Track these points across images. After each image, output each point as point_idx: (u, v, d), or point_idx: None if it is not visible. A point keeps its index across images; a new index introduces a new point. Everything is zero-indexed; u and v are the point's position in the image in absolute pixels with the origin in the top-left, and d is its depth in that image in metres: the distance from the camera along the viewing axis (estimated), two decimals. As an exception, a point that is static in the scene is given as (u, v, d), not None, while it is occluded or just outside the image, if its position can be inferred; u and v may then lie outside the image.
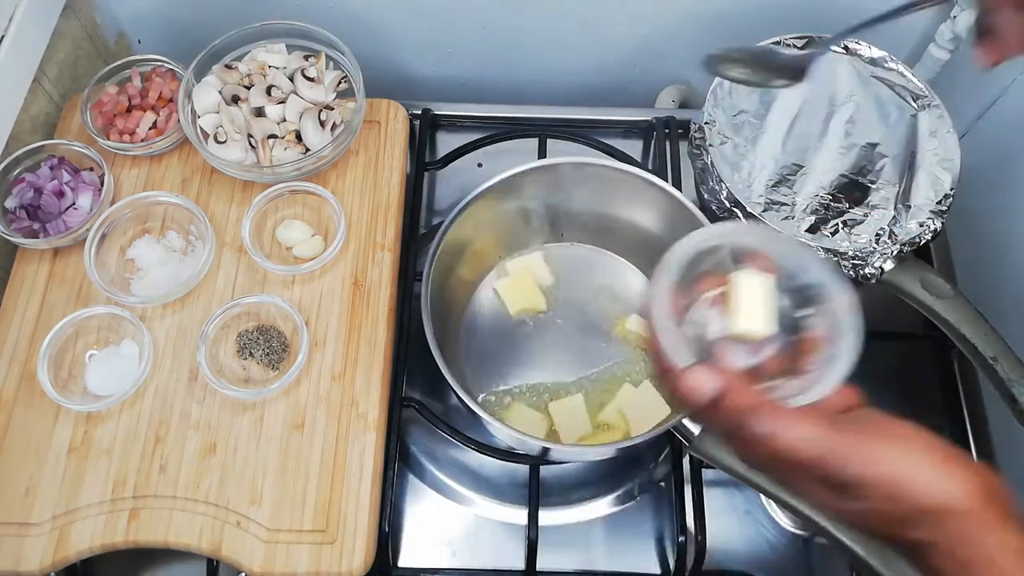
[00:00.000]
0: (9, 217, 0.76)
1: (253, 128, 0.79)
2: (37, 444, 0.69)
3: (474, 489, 0.76)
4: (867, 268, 0.72)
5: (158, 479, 0.67)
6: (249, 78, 0.81)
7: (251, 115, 0.80)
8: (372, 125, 0.84)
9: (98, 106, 0.82)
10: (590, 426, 0.74)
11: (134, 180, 0.81)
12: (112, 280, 0.74)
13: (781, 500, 0.58)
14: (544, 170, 0.75)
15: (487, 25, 0.98)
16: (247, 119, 0.79)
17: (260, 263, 0.74)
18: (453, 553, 0.73)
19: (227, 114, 0.79)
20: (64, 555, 0.65)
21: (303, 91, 0.80)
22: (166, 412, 0.70)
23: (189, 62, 0.83)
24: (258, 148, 0.78)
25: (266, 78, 0.81)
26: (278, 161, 0.78)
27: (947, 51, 0.88)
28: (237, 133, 0.79)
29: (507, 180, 0.74)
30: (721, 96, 0.79)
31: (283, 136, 0.79)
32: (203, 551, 0.66)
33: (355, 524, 0.66)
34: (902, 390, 0.82)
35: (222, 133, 0.78)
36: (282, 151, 0.78)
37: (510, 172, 0.74)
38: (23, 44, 0.78)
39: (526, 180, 0.75)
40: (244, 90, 0.80)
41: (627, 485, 0.76)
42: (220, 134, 0.78)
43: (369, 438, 0.70)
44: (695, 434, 0.62)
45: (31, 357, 0.71)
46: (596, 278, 0.83)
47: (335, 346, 0.73)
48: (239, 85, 0.81)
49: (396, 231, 0.79)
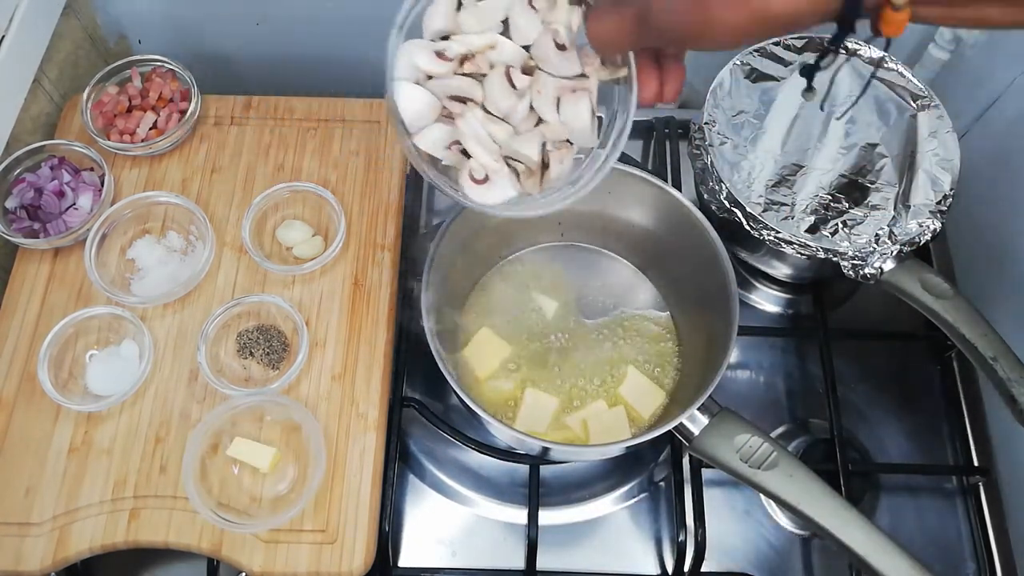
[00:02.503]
0: (9, 217, 0.77)
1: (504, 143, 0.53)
2: (37, 444, 0.69)
3: (474, 489, 0.76)
4: (867, 268, 0.72)
5: (158, 479, 0.67)
6: (467, 61, 0.52)
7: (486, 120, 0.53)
8: (372, 125, 0.85)
9: (98, 106, 0.82)
10: (547, 425, 0.73)
11: (134, 180, 0.81)
12: (112, 280, 0.74)
13: (781, 500, 0.58)
14: None
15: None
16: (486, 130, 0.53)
17: (260, 263, 0.74)
18: (453, 553, 0.73)
19: (468, 128, 0.52)
20: (64, 555, 0.65)
21: (552, 61, 0.50)
22: (166, 412, 0.70)
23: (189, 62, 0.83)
24: (523, 173, 0.53)
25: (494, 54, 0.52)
26: (558, 177, 0.53)
27: (947, 51, 0.88)
28: (491, 157, 0.53)
29: None
30: (721, 96, 0.79)
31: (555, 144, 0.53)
32: (203, 551, 0.66)
33: (355, 524, 0.66)
34: (902, 390, 0.82)
35: (478, 168, 0.53)
36: (559, 164, 0.53)
37: None
38: (24, 44, 0.78)
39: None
40: (466, 84, 0.52)
41: (627, 485, 0.76)
42: (476, 169, 0.53)
43: (369, 438, 0.70)
44: (695, 434, 0.63)
45: (31, 357, 0.71)
46: (596, 278, 0.83)
47: (335, 346, 0.73)
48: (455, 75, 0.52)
49: (396, 231, 0.80)
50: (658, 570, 0.73)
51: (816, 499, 0.57)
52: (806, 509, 0.57)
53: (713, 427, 0.62)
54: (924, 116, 0.77)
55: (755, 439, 0.61)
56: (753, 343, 0.84)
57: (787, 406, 0.80)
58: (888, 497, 0.76)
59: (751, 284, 0.87)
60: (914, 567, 0.55)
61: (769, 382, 0.82)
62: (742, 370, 0.82)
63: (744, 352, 0.83)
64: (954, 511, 0.76)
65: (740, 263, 0.85)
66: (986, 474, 0.76)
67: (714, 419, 0.63)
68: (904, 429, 0.80)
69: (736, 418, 0.63)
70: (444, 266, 0.71)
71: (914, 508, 0.76)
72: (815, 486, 0.58)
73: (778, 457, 0.60)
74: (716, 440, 0.62)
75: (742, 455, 0.60)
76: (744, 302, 0.85)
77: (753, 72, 0.80)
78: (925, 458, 0.79)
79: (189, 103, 0.82)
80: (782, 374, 0.82)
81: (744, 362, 0.83)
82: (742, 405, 0.79)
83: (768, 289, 0.86)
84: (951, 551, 0.75)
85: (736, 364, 0.83)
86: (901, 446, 0.79)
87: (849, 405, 0.77)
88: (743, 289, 0.86)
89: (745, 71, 0.80)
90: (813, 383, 0.79)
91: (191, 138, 0.83)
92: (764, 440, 0.60)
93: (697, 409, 0.62)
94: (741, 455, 0.60)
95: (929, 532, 0.75)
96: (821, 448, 0.76)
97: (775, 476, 0.59)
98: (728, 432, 0.62)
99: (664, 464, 0.76)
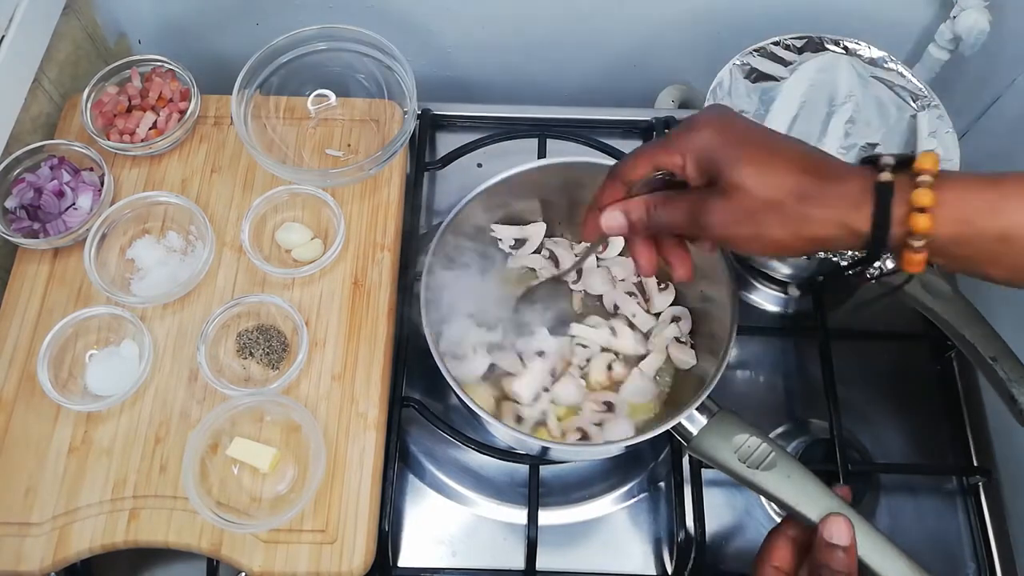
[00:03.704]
0: (9, 217, 0.77)
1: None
2: (37, 444, 0.69)
3: (474, 489, 0.76)
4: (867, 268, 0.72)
5: (158, 479, 0.67)
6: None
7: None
8: (371, 124, 0.85)
9: (98, 106, 0.82)
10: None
11: (134, 180, 0.81)
12: (112, 280, 0.74)
13: (779, 500, 0.58)
14: (542, 171, 0.75)
15: (487, 25, 0.98)
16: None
17: (260, 266, 0.74)
18: (453, 553, 0.73)
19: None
20: (64, 555, 0.65)
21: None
22: (166, 412, 0.70)
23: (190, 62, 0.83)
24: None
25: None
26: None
27: (947, 51, 0.88)
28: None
29: (505, 181, 0.73)
30: (721, 96, 0.79)
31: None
32: (203, 551, 0.66)
33: (355, 524, 0.66)
34: (902, 390, 0.82)
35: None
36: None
37: (507, 173, 0.73)
38: (23, 44, 0.78)
39: (523, 180, 0.74)
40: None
41: (627, 485, 0.76)
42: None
43: (369, 438, 0.70)
44: (694, 434, 0.62)
45: (31, 357, 0.71)
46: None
47: (335, 346, 0.73)
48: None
49: (396, 231, 0.80)
50: (658, 570, 0.73)
51: (814, 500, 0.57)
52: (803, 509, 0.57)
53: (711, 427, 0.62)
54: (924, 116, 0.77)
55: (753, 439, 0.60)
56: (753, 343, 0.84)
57: (787, 406, 0.80)
58: (888, 497, 0.76)
59: (751, 284, 0.87)
60: (912, 568, 0.55)
61: (769, 382, 0.82)
62: (742, 370, 0.82)
63: (744, 352, 0.83)
64: (954, 511, 0.76)
65: (740, 263, 0.85)
66: (986, 474, 0.76)
67: (713, 419, 0.63)
68: (904, 429, 0.80)
69: (735, 418, 0.63)
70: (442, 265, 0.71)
71: (914, 508, 0.76)
72: (813, 487, 0.58)
73: (776, 457, 0.59)
74: (715, 440, 0.62)
75: (740, 455, 0.60)
76: (744, 302, 0.85)
77: (753, 72, 0.80)
78: (925, 458, 0.79)
79: (189, 103, 0.82)
80: (782, 374, 0.82)
81: (744, 362, 0.83)
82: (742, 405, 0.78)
83: (768, 289, 0.86)
84: (951, 551, 0.75)
85: (736, 364, 0.83)
86: (901, 446, 0.79)
87: (849, 405, 0.77)
88: (743, 289, 0.86)
89: (745, 71, 0.80)
90: (813, 383, 0.79)
91: (191, 138, 0.83)
92: (762, 440, 0.60)
93: (696, 409, 0.62)
94: (739, 455, 0.60)
95: (929, 532, 0.75)
96: (821, 448, 0.76)
97: (773, 476, 0.59)
98: (727, 432, 0.61)
99: (664, 464, 0.76)
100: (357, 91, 0.85)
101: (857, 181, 0.47)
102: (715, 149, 0.49)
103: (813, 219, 0.47)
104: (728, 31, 0.94)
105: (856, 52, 0.81)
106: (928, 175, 0.46)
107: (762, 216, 0.48)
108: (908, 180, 0.46)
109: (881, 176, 0.47)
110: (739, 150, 0.49)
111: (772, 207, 0.48)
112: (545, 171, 0.75)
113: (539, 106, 0.92)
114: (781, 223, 0.48)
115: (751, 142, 0.49)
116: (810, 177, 0.48)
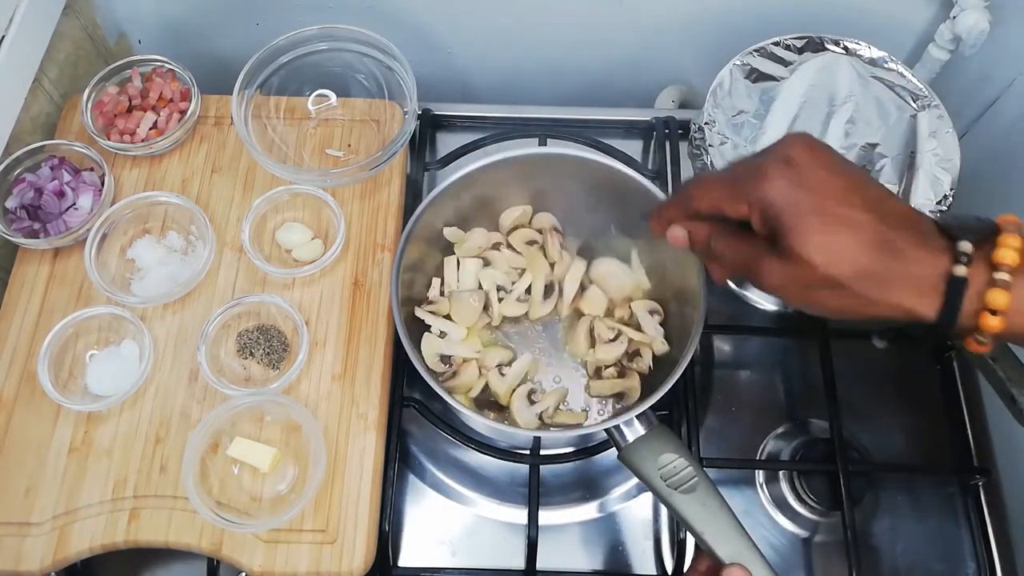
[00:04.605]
0: (9, 217, 0.77)
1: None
2: (37, 444, 0.69)
3: (474, 489, 0.76)
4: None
5: (158, 479, 0.68)
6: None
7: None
8: (371, 124, 0.85)
9: (98, 106, 0.82)
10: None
11: (134, 180, 0.81)
12: (112, 280, 0.74)
13: (687, 525, 0.58)
14: (506, 163, 0.74)
15: (487, 25, 0.98)
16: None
17: (260, 266, 0.74)
18: (453, 553, 0.73)
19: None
20: (64, 555, 0.65)
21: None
22: (166, 412, 0.70)
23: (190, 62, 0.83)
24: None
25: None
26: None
27: (947, 51, 0.88)
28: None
29: (472, 173, 0.72)
30: (721, 96, 0.79)
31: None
32: (203, 551, 0.66)
33: (355, 524, 0.66)
34: (902, 390, 0.82)
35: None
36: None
37: (474, 166, 0.72)
38: (24, 44, 0.78)
39: (491, 172, 0.74)
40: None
41: (627, 485, 0.76)
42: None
43: (369, 438, 0.70)
44: (629, 442, 0.62)
45: (31, 357, 0.71)
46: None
47: (335, 346, 0.73)
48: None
49: (396, 231, 0.80)
50: (658, 570, 0.73)
51: (724, 533, 0.57)
52: (710, 540, 0.56)
53: (645, 439, 0.61)
54: (924, 116, 0.77)
55: (680, 461, 0.60)
56: (753, 343, 0.84)
57: (787, 406, 0.80)
58: (888, 497, 0.76)
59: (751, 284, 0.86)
60: None
61: (769, 382, 0.82)
62: (742, 370, 0.82)
63: (744, 352, 0.83)
64: (954, 511, 0.76)
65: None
66: (986, 474, 0.76)
67: (651, 431, 0.62)
68: (904, 429, 0.80)
69: (670, 436, 0.62)
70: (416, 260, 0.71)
71: (914, 508, 0.76)
72: (726, 521, 0.57)
73: (697, 483, 0.59)
74: (644, 453, 0.61)
75: (664, 473, 0.59)
76: (744, 302, 0.85)
77: (753, 72, 0.80)
78: (925, 458, 0.79)
79: (189, 103, 0.82)
80: (782, 374, 0.82)
81: (744, 362, 0.83)
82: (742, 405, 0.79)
83: (768, 289, 0.86)
84: (951, 551, 0.75)
85: (736, 364, 0.83)
86: (901, 446, 0.79)
87: (849, 405, 0.77)
88: (743, 289, 0.86)
89: (745, 71, 0.80)
90: (813, 383, 0.79)
91: (191, 138, 0.83)
92: (690, 464, 0.60)
93: (636, 417, 0.62)
94: (663, 473, 0.59)
95: (929, 532, 0.75)
96: (821, 448, 0.75)
97: (689, 501, 0.58)
98: (657, 448, 0.61)
99: (664, 464, 0.76)
100: (357, 91, 0.86)
101: (929, 265, 0.45)
102: (783, 210, 0.46)
103: (874, 302, 0.45)
104: (728, 31, 0.94)
105: (856, 52, 0.81)
106: (1006, 272, 0.43)
107: (820, 290, 0.46)
108: (984, 270, 0.44)
109: (956, 270, 0.44)
110: (807, 218, 0.46)
111: (832, 284, 0.45)
112: (509, 164, 0.74)
113: (539, 106, 0.92)
114: (839, 298, 0.46)
115: (822, 210, 0.46)
116: (880, 255, 0.45)
